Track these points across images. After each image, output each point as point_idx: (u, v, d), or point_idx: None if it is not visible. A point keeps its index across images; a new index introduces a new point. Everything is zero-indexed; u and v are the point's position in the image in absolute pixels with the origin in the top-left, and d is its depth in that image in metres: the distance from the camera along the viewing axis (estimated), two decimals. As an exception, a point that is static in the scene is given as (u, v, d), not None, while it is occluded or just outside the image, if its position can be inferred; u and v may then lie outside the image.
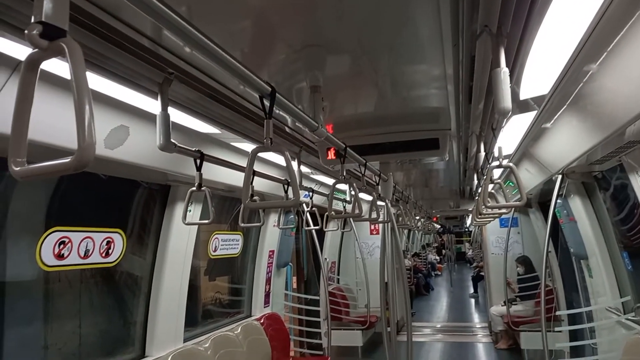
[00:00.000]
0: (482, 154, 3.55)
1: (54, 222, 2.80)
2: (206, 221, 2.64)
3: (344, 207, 5.64)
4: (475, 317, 11.39)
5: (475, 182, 5.67)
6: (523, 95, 2.58)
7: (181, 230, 3.66)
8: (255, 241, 5.43)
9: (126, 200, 3.53)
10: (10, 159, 0.71)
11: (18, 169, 0.71)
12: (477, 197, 6.25)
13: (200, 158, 2.40)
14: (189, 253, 3.82)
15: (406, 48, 1.99)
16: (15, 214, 2.68)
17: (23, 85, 0.72)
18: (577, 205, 4.48)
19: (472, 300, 13.88)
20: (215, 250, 4.61)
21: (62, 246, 2.73)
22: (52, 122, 1.98)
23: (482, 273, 12.82)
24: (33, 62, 0.72)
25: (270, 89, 1.43)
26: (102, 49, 1.64)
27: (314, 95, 2.14)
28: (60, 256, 2.73)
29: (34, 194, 2.86)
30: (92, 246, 2.93)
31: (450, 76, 2.28)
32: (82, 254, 2.87)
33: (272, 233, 5.46)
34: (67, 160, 0.66)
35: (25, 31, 0.68)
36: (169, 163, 2.99)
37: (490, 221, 7.24)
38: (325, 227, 4.52)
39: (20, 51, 1.72)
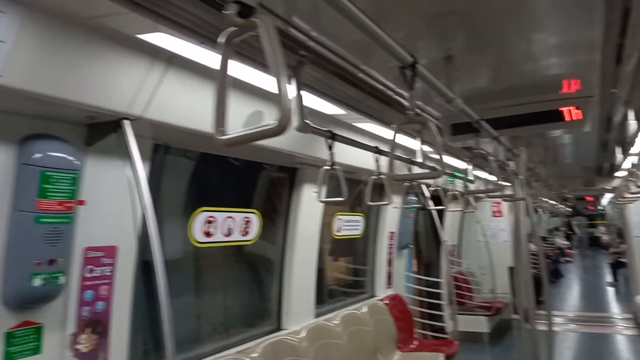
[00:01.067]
0: (632, 122, 3.18)
1: (197, 204, 3.07)
2: (340, 198, 2.73)
3: (466, 186, 5.44)
4: (616, 308, 10.32)
5: (619, 156, 5.09)
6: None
7: (309, 211, 3.82)
8: (375, 223, 5.47)
9: (256, 183, 3.76)
10: (216, 129, 0.80)
11: (222, 137, 0.80)
12: (624, 172, 5.61)
13: (332, 138, 2.47)
14: (316, 232, 3.97)
15: (550, 7, 1.85)
16: (166, 197, 3.00)
17: (223, 62, 0.81)
18: None
19: (611, 289, 12.57)
20: (338, 231, 4.74)
21: (209, 225, 3.02)
22: (192, 108, 2.19)
23: (621, 259, 11.54)
24: (230, 40, 0.80)
25: (412, 59, 1.42)
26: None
27: (448, 66, 2.08)
28: (208, 234, 3.02)
29: (179, 179, 3.16)
30: (233, 225, 3.20)
31: (599, 35, 2.07)
32: (225, 232, 3.15)
33: (392, 214, 5.46)
34: (269, 126, 0.72)
35: (223, 11, 0.76)
36: (297, 145, 3.13)
37: None
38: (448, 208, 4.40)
39: (171, 44, 1.88)
